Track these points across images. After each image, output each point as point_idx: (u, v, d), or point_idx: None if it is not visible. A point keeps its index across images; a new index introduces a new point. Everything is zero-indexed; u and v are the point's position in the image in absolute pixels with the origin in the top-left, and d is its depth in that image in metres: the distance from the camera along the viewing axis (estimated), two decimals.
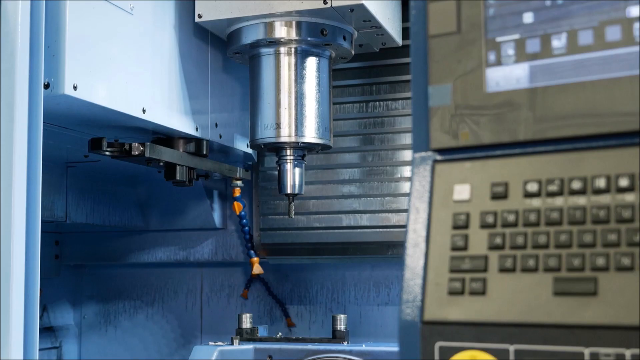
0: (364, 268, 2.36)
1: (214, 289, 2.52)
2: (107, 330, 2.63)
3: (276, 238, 2.27)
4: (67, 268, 2.62)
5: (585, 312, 0.90)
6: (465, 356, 0.96)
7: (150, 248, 2.49)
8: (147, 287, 2.60)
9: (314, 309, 2.41)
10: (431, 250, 1.02)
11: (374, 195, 2.18)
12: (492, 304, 0.96)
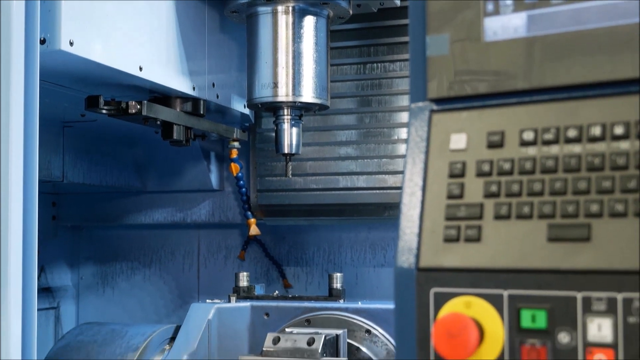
0: (360, 230, 2.38)
1: (211, 251, 2.53)
2: (104, 291, 2.65)
3: (273, 199, 2.27)
4: (64, 229, 2.63)
5: (578, 257, 0.92)
6: (459, 302, 0.97)
7: (147, 209, 2.50)
8: (145, 248, 2.61)
9: (311, 270, 2.42)
10: (427, 199, 1.02)
11: (370, 157, 2.19)
12: (486, 251, 0.97)
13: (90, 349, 1.84)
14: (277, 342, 1.69)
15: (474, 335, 0.94)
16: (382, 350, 1.80)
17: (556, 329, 0.92)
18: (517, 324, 0.94)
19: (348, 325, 1.82)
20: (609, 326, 0.89)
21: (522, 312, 0.94)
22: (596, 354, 0.90)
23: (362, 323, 1.82)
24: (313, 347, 1.66)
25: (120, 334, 1.87)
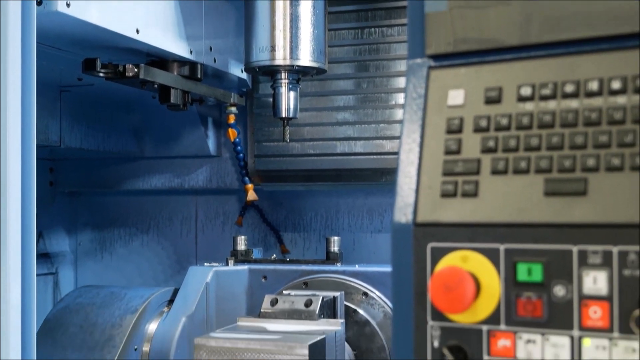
0: (357, 195, 2.38)
1: (209, 217, 2.54)
2: (102, 257, 2.66)
3: (270, 165, 2.28)
4: (62, 195, 2.63)
5: (574, 211, 0.92)
6: (456, 256, 0.98)
7: (144, 175, 2.50)
8: (142, 214, 2.61)
9: (308, 236, 2.43)
10: (425, 155, 1.03)
11: (368, 122, 2.19)
12: (483, 206, 0.97)
13: (89, 311, 1.85)
14: (275, 303, 1.70)
15: (471, 289, 0.95)
16: (379, 313, 1.81)
17: (552, 282, 0.93)
18: (513, 277, 0.95)
19: (345, 288, 1.83)
20: (605, 279, 0.90)
21: (519, 265, 0.95)
22: (591, 306, 0.91)
23: (359, 286, 1.83)
24: (311, 308, 1.67)
25: (119, 296, 1.88)
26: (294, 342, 1.51)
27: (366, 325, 1.80)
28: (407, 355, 1.01)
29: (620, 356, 0.89)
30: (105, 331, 1.79)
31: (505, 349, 0.96)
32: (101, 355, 1.75)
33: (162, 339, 1.82)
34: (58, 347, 1.79)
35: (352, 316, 1.81)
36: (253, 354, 1.52)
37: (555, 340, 0.93)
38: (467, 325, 0.98)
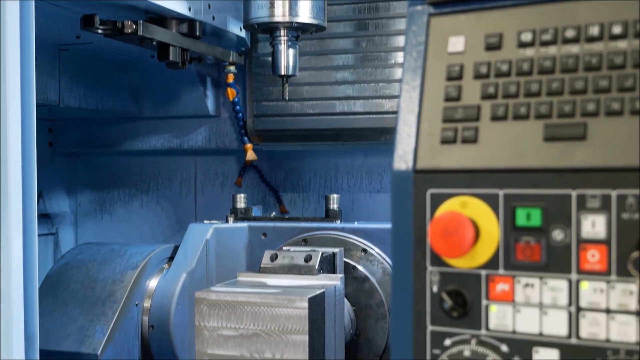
0: (356, 156, 2.39)
1: (208, 177, 2.55)
2: (102, 218, 2.67)
3: (269, 124, 2.28)
4: (61, 156, 2.63)
5: (574, 156, 0.92)
6: (455, 202, 0.99)
7: (144, 135, 2.50)
8: (142, 175, 2.62)
9: (307, 196, 2.44)
10: (425, 102, 1.03)
11: (367, 82, 2.18)
12: (483, 151, 0.98)
13: (90, 267, 1.86)
14: (275, 259, 1.71)
15: (470, 233, 0.95)
16: (378, 269, 1.83)
17: (550, 227, 0.94)
18: (512, 222, 0.96)
19: (345, 245, 1.84)
20: (603, 223, 0.91)
21: (517, 210, 0.95)
22: (589, 250, 0.92)
23: (359, 242, 1.84)
24: (310, 263, 1.68)
25: (120, 253, 1.89)
26: (294, 295, 1.52)
27: (365, 282, 1.81)
28: (406, 301, 1.02)
29: (618, 299, 0.90)
30: (107, 287, 1.80)
31: (503, 293, 0.97)
32: (102, 310, 1.76)
33: (163, 294, 1.84)
34: (59, 303, 1.80)
35: (351, 272, 1.82)
36: (253, 307, 1.53)
37: (554, 284, 0.94)
38: (466, 270, 0.99)
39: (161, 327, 1.83)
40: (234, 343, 1.54)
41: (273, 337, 1.52)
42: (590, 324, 0.92)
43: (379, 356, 1.81)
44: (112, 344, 1.73)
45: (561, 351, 0.93)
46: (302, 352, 1.51)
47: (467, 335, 0.99)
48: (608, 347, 0.91)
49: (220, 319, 1.55)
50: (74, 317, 1.76)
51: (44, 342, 1.67)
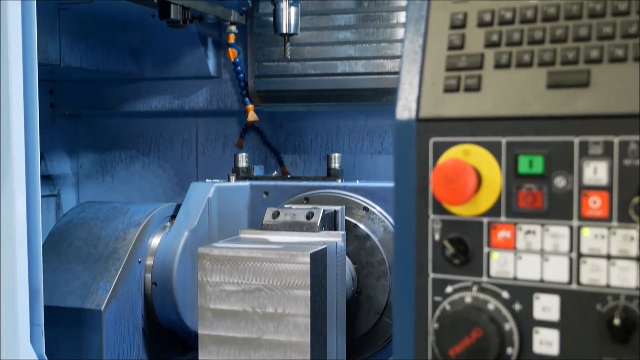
0: (358, 117, 2.39)
1: (209, 139, 2.55)
2: (104, 179, 2.67)
3: (271, 85, 2.27)
4: (62, 117, 2.63)
5: (577, 103, 0.93)
6: (458, 150, 0.99)
7: (144, 97, 2.50)
8: (143, 136, 2.62)
9: (308, 158, 2.44)
10: (428, 51, 1.03)
11: (369, 42, 2.18)
12: (486, 99, 0.98)
13: (92, 225, 1.87)
14: (277, 216, 1.72)
15: (472, 180, 0.96)
16: (380, 228, 1.84)
17: (553, 174, 0.94)
18: (514, 169, 0.96)
19: (346, 203, 1.85)
20: (605, 169, 0.91)
21: (520, 158, 0.96)
22: (591, 196, 0.92)
23: (360, 201, 1.85)
24: (312, 220, 1.69)
25: (122, 211, 1.90)
26: (296, 250, 1.53)
27: (366, 240, 1.82)
28: (408, 249, 1.03)
29: (619, 245, 0.91)
30: (109, 244, 1.81)
31: (505, 240, 0.97)
32: (105, 267, 1.77)
33: (165, 252, 1.85)
34: (63, 260, 1.81)
35: (352, 231, 1.83)
36: (255, 263, 1.54)
37: (555, 231, 0.94)
38: (467, 217, 0.99)
39: (164, 284, 1.84)
40: (237, 298, 1.56)
41: (275, 292, 1.53)
42: (591, 270, 0.93)
43: (380, 313, 1.83)
44: (115, 300, 1.74)
45: (562, 297, 0.94)
46: (304, 307, 1.52)
47: (469, 282, 1.00)
48: (608, 293, 0.92)
49: (223, 274, 1.56)
50: (77, 274, 1.77)
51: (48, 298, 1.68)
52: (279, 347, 1.54)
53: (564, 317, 0.94)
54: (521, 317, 0.97)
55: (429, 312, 1.02)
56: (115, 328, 1.75)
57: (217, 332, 1.58)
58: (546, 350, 0.95)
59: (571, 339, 0.94)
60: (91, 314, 1.71)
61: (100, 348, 1.72)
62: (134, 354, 1.82)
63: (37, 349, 1.52)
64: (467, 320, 0.96)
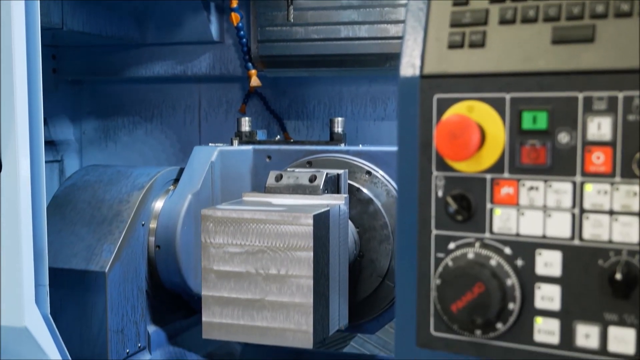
0: (361, 83, 2.38)
1: (212, 105, 2.54)
2: (107, 145, 2.68)
3: (274, 50, 2.26)
4: (65, 83, 2.63)
5: (581, 58, 0.92)
6: (462, 106, 0.99)
7: (147, 62, 2.49)
8: (146, 102, 2.62)
9: (311, 124, 2.44)
10: (432, 7, 1.02)
11: (372, 6, 2.16)
12: (490, 55, 0.98)
13: (96, 188, 1.88)
14: (280, 179, 1.73)
15: (476, 136, 0.96)
16: (382, 192, 1.84)
17: (556, 130, 0.94)
18: (518, 126, 0.96)
19: (349, 167, 1.85)
20: (609, 124, 0.91)
21: (524, 114, 0.96)
22: (594, 152, 0.92)
23: (363, 165, 1.85)
24: (315, 183, 1.70)
25: (126, 174, 1.90)
26: (299, 212, 1.54)
27: (369, 204, 1.83)
28: (411, 206, 1.03)
29: (621, 200, 0.91)
30: (113, 207, 1.82)
31: (508, 196, 0.98)
32: (109, 230, 1.78)
33: (169, 215, 1.86)
34: (67, 222, 1.82)
35: (355, 195, 1.83)
36: (259, 224, 1.55)
37: (558, 187, 0.95)
38: (471, 174, 0.99)
39: (167, 247, 1.85)
40: (240, 259, 1.57)
41: (278, 253, 1.54)
42: (593, 226, 0.93)
43: (382, 277, 1.84)
44: (119, 262, 1.75)
45: (564, 253, 0.95)
46: (307, 268, 1.53)
47: (471, 238, 1.00)
48: (610, 248, 0.92)
49: (226, 236, 1.57)
50: (81, 236, 1.78)
51: (52, 260, 1.69)
52: (282, 308, 1.55)
53: (565, 273, 0.95)
54: (523, 273, 0.97)
55: (432, 269, 1.03)
56: (120, 290, 1.77)
57: (221, 294, 1.59)
58: (547, 306, 0.96)
59: (572, 295, 0.95)
60: (95, 276, 1.72)
61: (104, 310, 1.73)
62: (138, 316, 1.84)
63: (42, 310, 1.54)
64: (469, 276, 0.97)
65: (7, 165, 1.49)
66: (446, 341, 1.02)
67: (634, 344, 0.91)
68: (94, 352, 1.76)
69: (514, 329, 0.98)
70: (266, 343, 1.59)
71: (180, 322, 2.03)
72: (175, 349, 2.00)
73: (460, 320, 0.98)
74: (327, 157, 1.88)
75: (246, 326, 1.58)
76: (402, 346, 1.07)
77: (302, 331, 1.55)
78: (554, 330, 0.96)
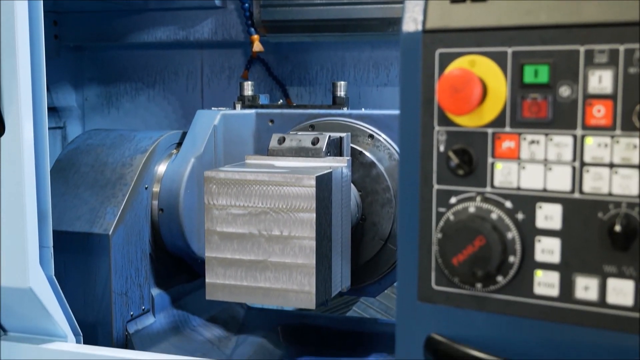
0: (363, 48, 2.37)
1: (214, 71, 2.54)
2: (109, 112, 2.68)
3: (276, 15, 2.26)
4: (66, 49, 2.62)
5: (583, 11, 0.92)
6: (464, 61, 0.99)
7: (149, 28, 2.48)
8: (148, 69, 2.62)
9: (314, 90, 2.44)
10: None
11: None
12: (492, 9, 0.98)
13: (99, 151, 1.88)
14: (283, 142, 1.73)
15: (478, 90, 0.96)
16: (385, 155, 1.84)
17: (558, 83, 0.94)
18: (519, 79, 0.96)
19: (351, 131, 1.85)
20: (610, 77, 0.92)
21: (525, 67, 0.96)
22: (595, 105, 0.93)
23: (366, 128, 1.85)
24: (317, 146, 1.70)
25: (128, 138, 1.90)
26: (302, 174, 1.54)
27: (372, 167, 1.83)
28: (413, 161, 1.04)
29: (621, 153, 0.92)
30: (116, 170, 1.83)
31: (509, 150, 0.98)
32: (113, 193, 1.79)
33: (172, 178, 1.86)
34: (70, 186, 1.83)
35: (357, 158, 1.83)
36: (262, 186, 1.55)
37: (559, 140, 0.95)
38: (472, 128, 1.00)
39: (170, 210, 1.86)
40: (243, 221, 1.58)
41: (281, 214, 1.55)
42: (594, 179, 0.94)
43: (384, 240, 1.85)
44: (122, 224, 1.77)
45: (564, 206, 0.96)
46: (310, 230, 1.54)
47: (472, 192, 1.01)
48: (610, 201, 0.93)
49: (229, 198, 1.58)
50: (85, 199, 1.79)
51: (56, 223, 1.70)
52: (285, 269, 1.57)
53: (565, 226, 0.96)
54: (524, 226, 0.98)
55: (433, 223, 1.04)
56: (123, 252, 1.78)
57: (224, 255, 1.60)
58: (548, 259, 0.97)
59: (572, 248, 0.96)
60: (99, 239, 1.74)
61: (108, 272, 1.75)
62: (141, 279, 1.85)
63: (47, 271, 1.55)
64: (470, 229, 0.98)
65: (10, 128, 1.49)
66: (447, 295, 1.04)
67: (632, 295, 0.92)
68: (98, 314, 1.77)
69: (514, 281, 0.99)
70: (269, 304, 1.61)
71: (183, 286, 2.05)
72: (179, 312, 2.01)
73: (461, 274, 0.99)
74: (329, 121, 1.88)
75: (249, 287, 1.59)
76: (403, 301, 1.08)
77: (304, 292, 1.56)
78: (553, 283, 0.97)
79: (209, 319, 2.09)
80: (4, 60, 1.46)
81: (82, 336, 1.65)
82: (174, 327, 1.97)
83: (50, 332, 1.61)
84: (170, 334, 1.94)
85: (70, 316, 1.62)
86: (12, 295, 1.54)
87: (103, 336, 1.78)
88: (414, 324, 1.07)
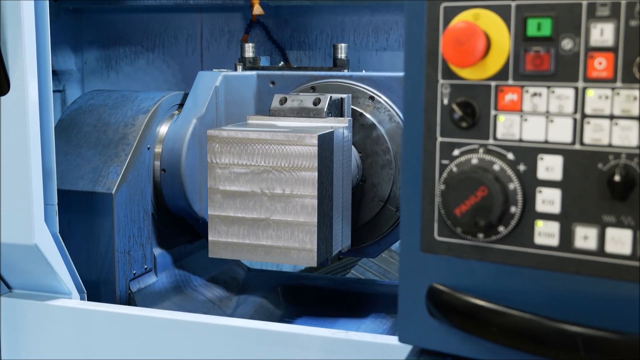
0: (363, 13, 2.38)
1: (214, 35, 2.54)
2: (109, 76, 2.68)
3: None
4: (66, 12, 2.62)
5: None
6: (468, 14, 1.01)
7: None
8: (147, 32, 2.62)
9: (313, 54, 2.45)
10: None
11: None
12: None
13: (101, 112, 1.89)
14: (284, 102, 1.75)
15: (482, 42, 0.98)
16: (385, 117, 1.86)
17: (560, 36, 0.96)
18: (522, 32, 0.98)
19: (352, 92, 1.86)
20: (611, 30, 0.93)
21: (528, 20, 0.97)
22: (597, 57, 0.95)
23: (366, 90, 1.87)
24: (319, 106, 1.72)
25: (130, 98, 1.92)
26: (304, 133, 1.56)
27: (372, 129, 1.85)
28: (418, 115, 1.06)
29: (622, 105, 0.94)
30: (119, 130, 1.84)
31: (512, 102, 1.00)
32: (115, 152, 1.80)
33: (174, 139, 1.88)
34: (73, 145, 1.84)
35: (358, 120, 1.85)
36: (264, 145, 1.57)
37: (560, 92, 0.97)
38: (476, 81, 1.02)
39: (172, 170, 1.88)
40: (245, 179, 1.60)
41: (283, 173, 1.57)
42: (594, 130, 0.96)
43: (384, 201, 1.87)
44: (125, 184, 1.78)
45: (565, 157, 0.98)
46: (311, 188, 1.56)
47: (475, 144, 1.03)
48: (610, 152, 0.95)
49: (232, 156, 1.60)
50: (87, 159, 1.81)
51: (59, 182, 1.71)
52: (287, 227, 1.59)
53: (566, 177, 0.98)
54: (525, 178, 1.00)
55: (436, 175, 1.06)
56: (126, 211, 1.80)
57: (227, 213, 1.62)
58: (548, 209, 0.99)
59: (572, 198, 0.98)
60: (102, 197, 1.75)
61: (111, 231, 1.77)
62: (144, 238, 1.87)
63: (51, 228, 1.57)
64: (472, 180, 1.00)
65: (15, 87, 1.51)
66: (449, 245, 1.06)
67: (630, 244, 0.95)
68: (101, 273, 1.80)
69: (515, 232, 1.01)
70: (271, 261, 1.63)
71: (185, 246, 2.07)
72: (180, 272, 2.04)
73: (463, 224, 1.02)
74: (330, 82, 1.89)
75: (251, 245, 1.62)
76: (406, 252, 1.11)
77: (306, 250, 1.59)
78: (553, 233, 0.99)
79: (209, 279, 2.12)
80: (8, 19, 1.47)
81: (86, 294, 1.67)
82: (176, 287, 2.00)
83: (54, 289, 1.63)
84: (172, 293, 1.97)
85: (74, 273, 1.64)
86: (17, 252, 1.56)
87: (106, 294, 1.80)
88: (416, 275, 1.10)
